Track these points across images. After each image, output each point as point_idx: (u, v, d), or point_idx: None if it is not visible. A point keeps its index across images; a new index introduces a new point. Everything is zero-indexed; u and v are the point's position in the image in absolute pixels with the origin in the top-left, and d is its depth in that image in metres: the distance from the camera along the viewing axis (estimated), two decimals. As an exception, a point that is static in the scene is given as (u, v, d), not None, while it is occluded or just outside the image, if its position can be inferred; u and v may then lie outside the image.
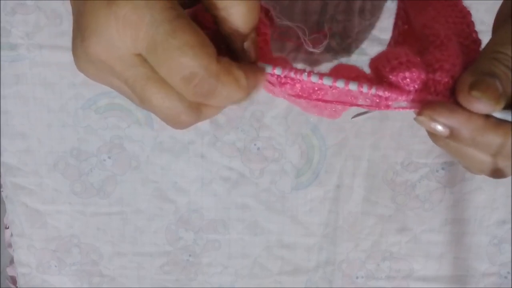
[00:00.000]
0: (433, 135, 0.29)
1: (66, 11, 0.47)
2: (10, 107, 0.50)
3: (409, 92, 0.27)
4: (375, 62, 0.28)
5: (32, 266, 0.55)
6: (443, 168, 0.51)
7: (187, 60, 0.24)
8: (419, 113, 0.27)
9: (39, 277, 0.56)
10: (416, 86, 0.27)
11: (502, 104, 0.26)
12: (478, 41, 0.30)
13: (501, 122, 0.26)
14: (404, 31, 0.33)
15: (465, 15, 0.30)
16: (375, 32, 0.48)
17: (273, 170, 0.51)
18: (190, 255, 0.54)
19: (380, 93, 0.27)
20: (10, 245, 0.57)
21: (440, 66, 0.27)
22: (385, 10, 0.47)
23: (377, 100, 0.28)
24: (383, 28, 0.48)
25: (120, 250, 0.54)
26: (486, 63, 0.27)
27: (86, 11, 0.25)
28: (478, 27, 0.30)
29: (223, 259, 0.54)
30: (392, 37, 0.35)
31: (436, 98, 0.27)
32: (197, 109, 0.27)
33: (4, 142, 0.51)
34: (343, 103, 0.29)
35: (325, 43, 0.33)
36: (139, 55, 0.25)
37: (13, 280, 0.59)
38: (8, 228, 0.56)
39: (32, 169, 0.52)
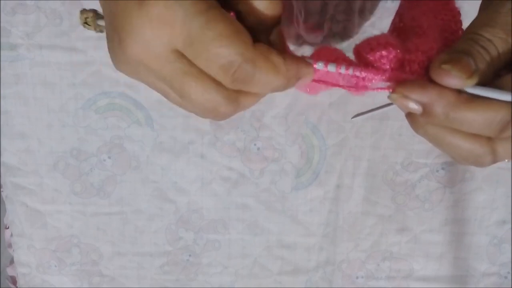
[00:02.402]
0: (413, 122, 0.29)
1: (66, 11, 0.47)
2: (10, 107, 0.50)
3: (384, 71, 0.28)
4: (358, 47, 0.29)
5: (32, 266, 0.56)
6: (443, 168, 0.51)
7: (223, 49, 0.24)
8: (392, 91, 0.28)
9: (39, 277, 0.56)
10: (392, 65, 0.28)
11: (474, 80, 0.26)
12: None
13: (475, 98, 0.26)
14: (399, 28, 0.33)
15: (455, 14, 0.30)
16: (375, 32, 0.48)
17: (273, 170, 0.51)
18: (190, 255, 0.54)
19: (357, 73, 0.28)
20: (10, 245, 0.57)
21: (416, 47, 0.28)
22: (385, 10, 0.47)
23: (355, 81, 0.28)
24: (383, 29, 0.48)
25: (120, 250, 0.54)
26: (462, 44, 0.28)
27: (119, 13, 0.25)
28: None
29: (223, 259, 0.54)
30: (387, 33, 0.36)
31: (411, 77, 0.28)
32: (236, 100, 0.27)
33: (4, 142, 0.51)
34: (325, 82, 0.29)
35: (322, 35, 0.33)
36: (175, 51, 0.25)
37: (13, 280, 0.59)
38: (8, 228, 0.56)
39: (32, 169, 0.52)
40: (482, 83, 0.27)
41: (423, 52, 0.28)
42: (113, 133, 0.51)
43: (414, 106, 0.27)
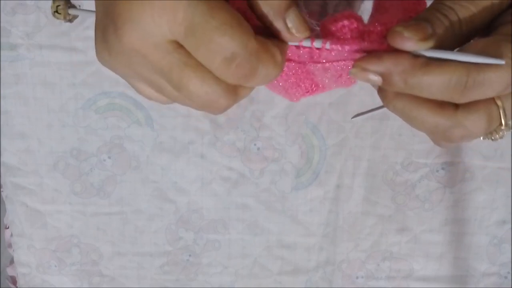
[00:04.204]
0: (383, 97, 0.29)
1: (66, 11, 0.47)
2: (10, 107, 0.50)
3: (344, 40, 0.28)
4: (324, 21, 0.29)
5: (32, 266, 0.56)
6: (443, 168, 0.51)
7: (227, 40, 0.23)
8: (351, 66, 0.28)
9: (39, 277, 0.56)
10: (353, 36, 0.28)
11: (429, 43, 0.26)
12: None
13: (431, 61, 0.26)
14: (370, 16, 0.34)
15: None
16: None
17: (273, 170, 0.51)
18: (190, 255, 0.54)
19: (317, 45, 0.28)
20: (10, 245, 0.57)
21: (377, 19, 0.29)
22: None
23: (316, 55, 0.29)
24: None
25: (120, 250, 0.54)
26: (424, 12, 0.28)
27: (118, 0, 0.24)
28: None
29: (223, 259, 0.54)
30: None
31: (371, 46, 0.28)
32: (235, 91, 0.27)
33: (4, 142, 0.51)
34: (299, 62, 0.29)
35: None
36: (174, 42, 0.25)
37: (13, 280, 0.59)
38: (8, 228, 0.56)
39: (32, 169, 0.52)
40: (443, 48, 0.27)
41: (381, 24, 0.28)
42: (113, 133, 0.51)
43: (374, 78, 0.27)
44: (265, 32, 0.26)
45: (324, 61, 0.29)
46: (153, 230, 0.54)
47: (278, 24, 0.26)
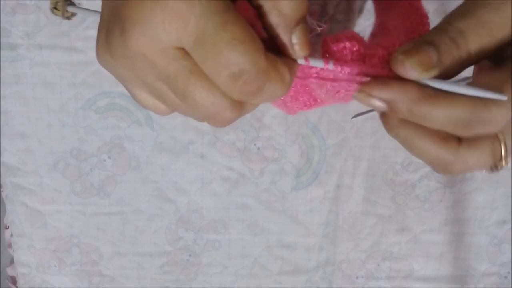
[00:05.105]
0: (385, 124, 0.29)
1: (66, 11, 0.47)
2: (10, 107, 0.50)
3: (345, 61, 0.27)
4: (326, 37, 0.29)
5: (32, 266, 0.56)
6: (443, 168, 0.51)
7: (236, 55, 0.22)
8: (357, 91, 0.27)
9: (39, 277, 0.56)
10: (354, 58, 0.28)
11: (432, 73, 0.25)
12: None
13: (438, 93, 0.26)
14: (371, 34, 0.34)
15: (423, 17, 0.31)
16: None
17: (273, 170, 0.51)
18: (190, 255, 0.54)
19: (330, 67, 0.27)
20: (10, 245, 0.57)
21: (378, 43, 0.28)
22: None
23: (315, 73, 0.28)
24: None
25: (120, 250, 0.55)
26: (431, 33, 0.26)
27: (128, 1, 0.23)
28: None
29: (223, 259, 0.54)
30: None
31: (371, 70, 0.27)
32: (241, 104, 0.25)
33: (4, 142, 0.51)
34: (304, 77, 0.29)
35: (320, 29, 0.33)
36: (182, 49, 0.24)
37: (13, 280, 0.59)
38: (8, 228, 0.56)
39: (32, 169, 0.52)
40: (449, 77, 0.26)
41: (383, 47, 0.28)
42: (113, 133, 0.51)
43: (378, 104, 0.27)
44: (270, 44, 0.26)
45: (324, 78, 0.29)
46: (153, 230, 0.54)
47: (284, 38, 0.25)
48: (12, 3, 0.47)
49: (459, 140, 0.27)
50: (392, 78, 0.27)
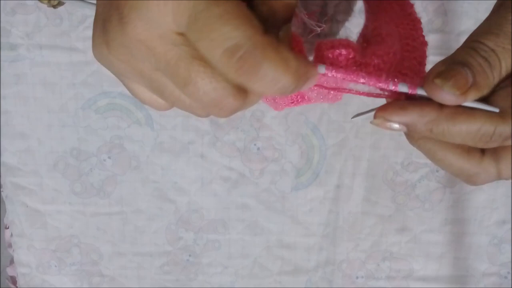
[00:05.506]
0: (408, 136, 0.29)
1: (66, 11, 0.47)
2: (10, 107, 0.50)
3: (340, 68, 0.27)
4: (320, 43, 0.29)
5: (32, 266, 0.56)
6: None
7: (230, 29, 0.22)
8: (374, 117, 0.28)
9: (39, 277, 0.56)
10: (349, 64, 0.28)
11: (471, 96, 0.25)
12: (425, 43, 0.30)
13: (457, 111, 0.25)
14: (363, 41, 0.34)
15: (415, 22, 0.31)
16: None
17: (273, 170, 0.51)
18: (190, 255, 0.54)
19: (362, 79, 0.27)
20: (10, 245, 0.57)
21: (372, 52, 0.28)
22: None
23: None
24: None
25: (120, 250, 0.54)
26: (462, 53, 0.26)
27: None
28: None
29: (223, 259, 0.54)
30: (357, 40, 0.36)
31: (366, 79, 0.27)
32: (244, 92, 0.24)
33: (4, 142, 0.51)
34: (325, 87, 0.29)
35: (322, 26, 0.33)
36: (181, 34, 0.23)
37: (13, 280, 0.59)
38: (8, 228, 0.56)
39: (32, 169, 0.52)
40: (483, 99, 0.26)
41: (378, 56, 0.28)
42: (113, 133, 0.51)
43: (397, 127, 0.27)
44: None
45: (324, 86, 0.29)
46: (153, 230, 0.54)
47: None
48: (12, 3, 0.47)
49: (482, 151, 0.27)
50: (391, 92, 0.27)
